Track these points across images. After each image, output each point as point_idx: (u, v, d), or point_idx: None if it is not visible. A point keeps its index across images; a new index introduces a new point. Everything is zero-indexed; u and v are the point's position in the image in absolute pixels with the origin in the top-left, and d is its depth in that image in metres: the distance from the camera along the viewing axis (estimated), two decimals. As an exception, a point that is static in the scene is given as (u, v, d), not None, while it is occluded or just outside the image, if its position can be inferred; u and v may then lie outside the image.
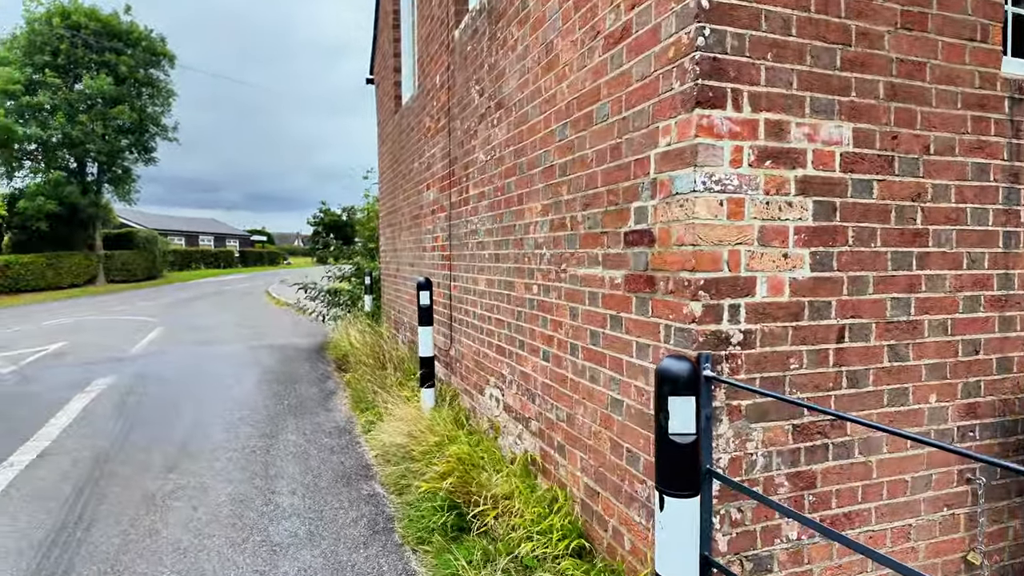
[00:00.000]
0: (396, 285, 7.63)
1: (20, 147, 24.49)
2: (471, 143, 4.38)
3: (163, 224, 49.05)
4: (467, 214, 4.51)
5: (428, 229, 5.84)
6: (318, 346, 9.74)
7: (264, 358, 8.69)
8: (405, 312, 7.10)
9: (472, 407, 4.47)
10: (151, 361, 8.57)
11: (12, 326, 14.15)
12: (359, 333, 7.79)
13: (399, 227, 7.44)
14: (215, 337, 11.10)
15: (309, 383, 7.06)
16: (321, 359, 8.59)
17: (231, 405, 6.06)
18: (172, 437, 5.05)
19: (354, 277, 9.85)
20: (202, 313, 15.83)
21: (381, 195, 8.85)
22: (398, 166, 7.41)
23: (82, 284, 26.64)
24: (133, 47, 26.18)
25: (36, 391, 6.74)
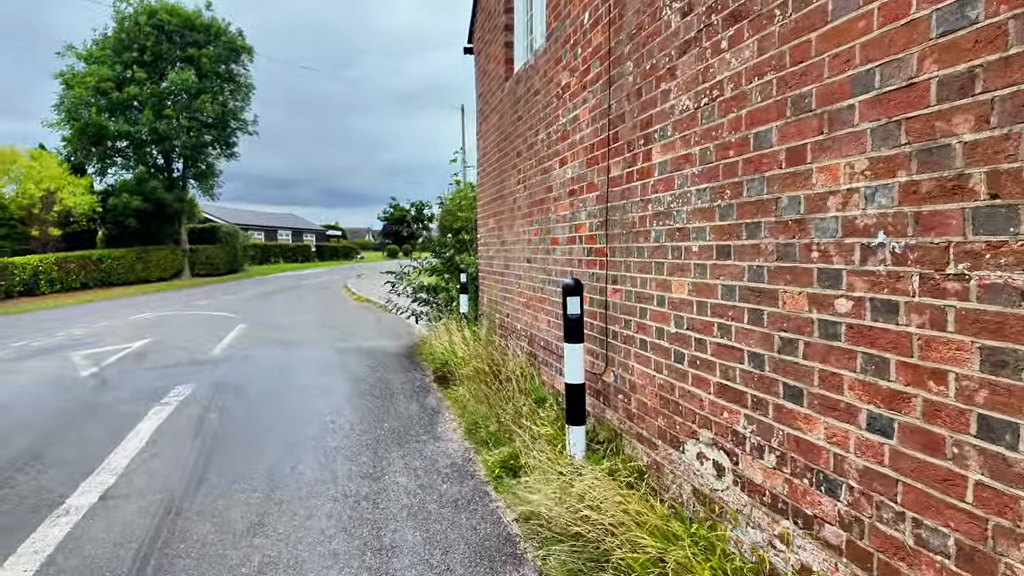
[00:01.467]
0: (505, 284, 6.46)
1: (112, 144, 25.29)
2: (659, 88, 3.08)
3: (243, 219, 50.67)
4: (647, 190, 3.23)
5: (562, 215, 4.59)
6: (408, 350, 8.76)
7: (352, 364, 7.77)
8: (519, 317, 5.91)
9: (654, 463, 3.19)
10: (232, 366, 7.81)
11: (102, 320, 14.14)
12: (462, 340, 6.67)
13: (508, 215, 6.25)
14: (298, 337, 10.37)
15: (407, 397, 6.01)
16: (414, 366, 7.57)
17: (322, 426, 5.07)
18: (256, 474, 4.07)
19: (446, 273, 8.78)
20: (283, 309, 15.38)
21: (481, 179, 7.71)
22: (508, 143, 6.21)
23: (169, 278, 27.38)
24: (214, 42, 26.50)
25: (111, 401, 6.02)
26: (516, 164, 5.91)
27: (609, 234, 3.72)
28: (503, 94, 6.42)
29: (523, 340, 5.74)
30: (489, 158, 7.17)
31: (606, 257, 3.77)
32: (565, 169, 4.51)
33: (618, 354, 3.63)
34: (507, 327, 6.37)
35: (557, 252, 4.73)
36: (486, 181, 7.37)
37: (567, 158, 4.48)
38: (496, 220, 6.86)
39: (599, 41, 3.83)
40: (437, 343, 7.42)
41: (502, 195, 6.52)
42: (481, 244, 7.76)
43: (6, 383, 7.20)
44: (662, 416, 3.10)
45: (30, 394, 6.51)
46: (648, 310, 3.23)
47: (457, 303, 8.28)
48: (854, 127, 1.89)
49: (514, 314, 6.10)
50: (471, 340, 6.69)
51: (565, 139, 4.51)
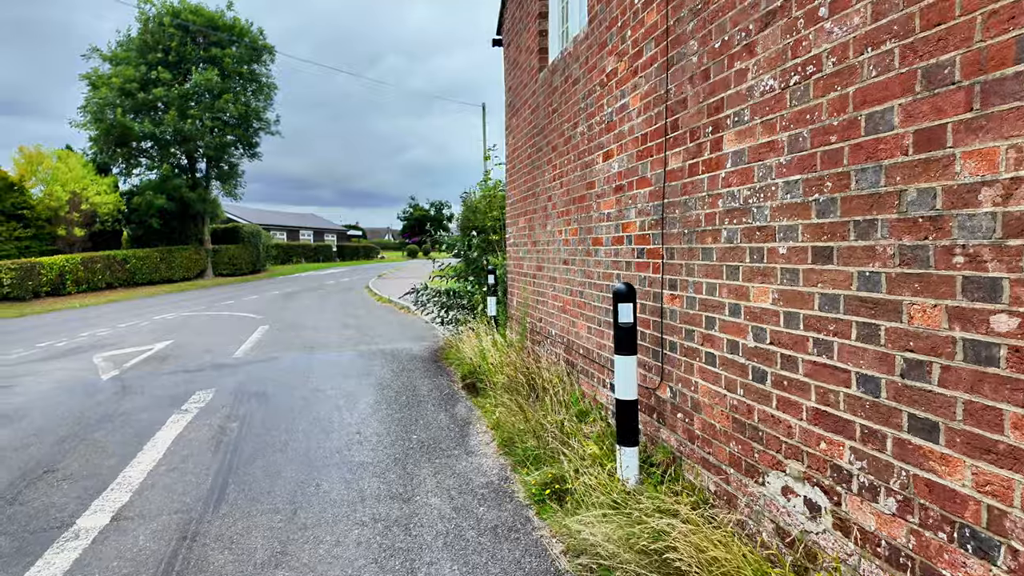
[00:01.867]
0: (538, 287, 6.11)
1: (137, 145, 25.48)
2: (733, 68, 2.71)
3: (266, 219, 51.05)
4: (716, 184, 2.85)
5: (606, 214, 4.23)
6: (433, 353, 8.46)
7: (377, 368, 7.48)
8: (553, 322, 5.56)
9: (724, 493, 2.82)
10: (254, 370, 7.58)
11: (125, 320, 14.12)
12: (492, 345, 6.34)
13: (541, 214, 5.90)
14: (321, 340, 10.14)
15: (435, 406, 5.69)
16: (440, 371, 7.25)
17: (347, 438, 4.78)
18: (278, 492, 3.78)
19: (472, 275, 8.45)
20: (305, 309, 15.22)
21: (510, 177, 7.37)
22: (541, 138, 5.86)
23: (192, 278, 27.53)
24: (236, 42, 26.57)
25: (130, 409, 5.81)
26: (551, 160, 5.56)
27: (666, 233, 3.35)
28: (536, 86, 6.07)
29: (559, 347, 5.39)
30: (519, 154, 6.82)
31: (662, 259, 3.40)
32: (610, 163, 4.15)
33: (677, 368, 3.26)
34: (540, 332, 6.01)
35: (600, 253, 4.36)
36: (516, 179, 7.03)
37: (613, 151, 4.11)
38: (527, 219, 6.51)
39: (654, 20, 3.46)
40: (465, 348, 7.10)
41: (534, 193, 6.17)
42: (510, 244, 7.42)
43: (29, 387, 7.05)
44: (735, 441, 2.73)
45: (50, 400, 6.34)
46: (717, 320, 2.85)
47: (484, 306, 7.94)
48: (1021, 100, 1.50)
49: (548, 319, 5.74)
50: (502, 346, 6.35)
51: (610, 130, 4.14)
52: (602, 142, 4.29)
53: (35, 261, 19.76)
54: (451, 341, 8.65)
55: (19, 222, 21.31)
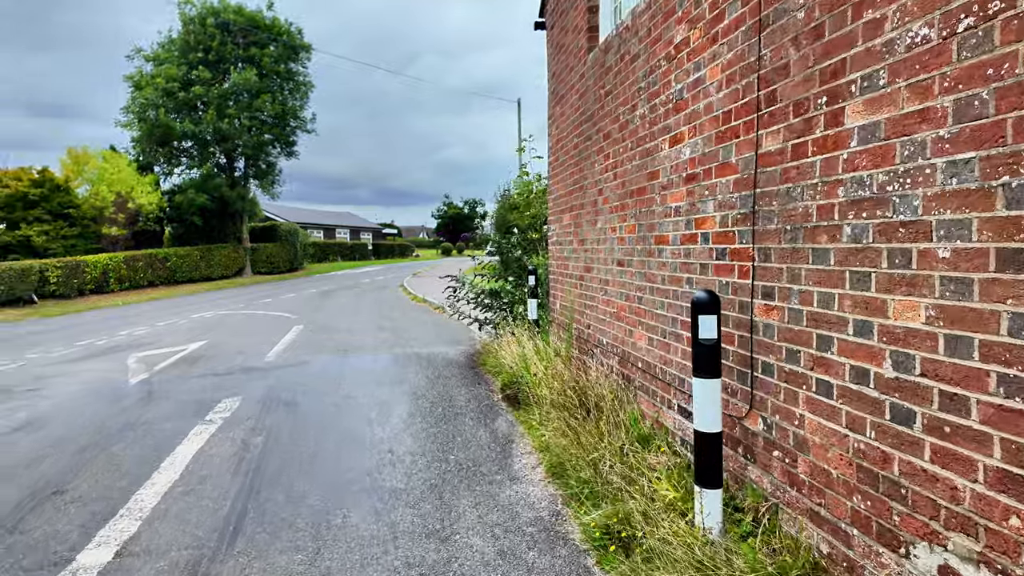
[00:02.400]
0: (586, 290, 5.55)
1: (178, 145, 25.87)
2: (861, 19, 2.12)
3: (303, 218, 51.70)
4: (834, 167, 2.27)
5: (673, 208, 3.65)
6: (469, 358, 7.99)
7: (411, 374, 7.05)
8: (604, 330, 5.00)
9: (843, 558, 2.23)
10: (284, 376, 7.25)
11: (163, 319, 14.14)
12: (535, 353, 5.82)
13: (590, 209, 5.35)
14: (354, 342, 9.80)
15: (474, 419, 5.21)
16: (478, 378, 6.77)
17: (379, 457, 4.33)
18: (301, 523, 3.34)
19: (512, 276, 7.94)
20: (340, 309, 15.00)
21: (553, 170, 6.83)
22: (591, 125, 5.30)
23: (231, 276, 27.85)
24: (275, 41, 26.71)
25: (152, 418, 5.50)
26: (602, 149, 5.00)
27: (758, 230, 2.76)
28: (584, 68, 5.51)
29: (611, 358, 4.83)
30: (564, 145, 6.27)
31: (752, 262, 2.81)
32: (679, 149, 3.57)
33: (773, 395, 2.67)
34: (588, 340, 5.46)
35: (664, 254, 3.79)
36: (560, 171, 6.48)
37: (683, 135, 3.53)
38: (573, 215, 5.96)
39: (741, -26, 2.87)
40: (505, 354, 6.60)
41: (581, 186, 5.62)
42: (553, 243, 6.88)
43: (59, 390, 6.87)
44: (862, 495, 2.14)
45: (75, 405, 6.11)
46: (836, 340, 2.26)
47: (524, 308, 7.43)
48: None
49: (598, 326, 5.19)
50: (545, 354, 5.82)
51: (679, 110, 3.56)
52: (668, 125, 3.72)
53: (80, 259, 20.16)
54: (489, 346, 8.16)
55: (65, 221, 21.80)
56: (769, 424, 2.70)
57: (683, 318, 3.53)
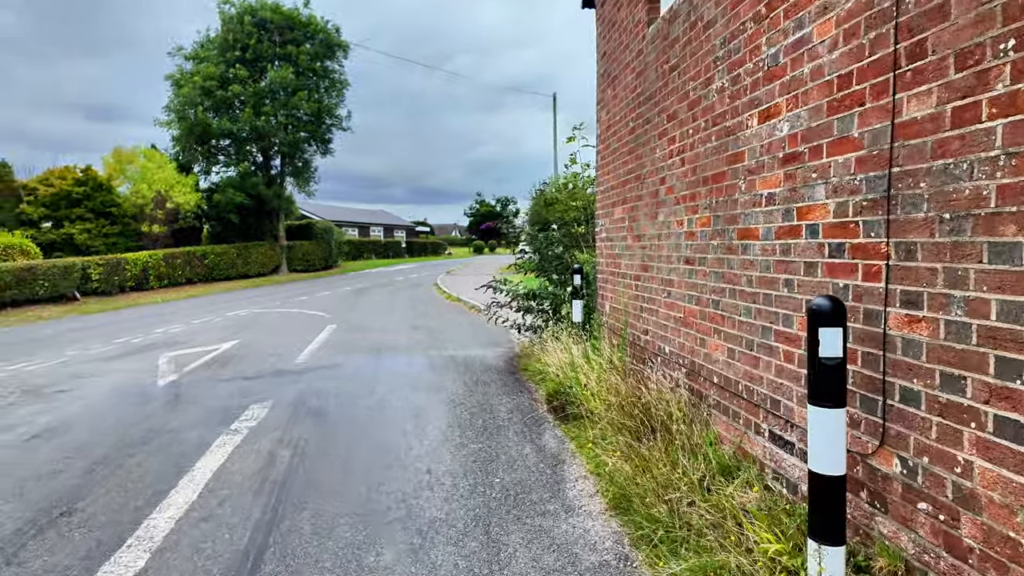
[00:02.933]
0: (643, 291, 4.99)
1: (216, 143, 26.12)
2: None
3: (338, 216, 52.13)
4: None
5: (765, 195, 3.08)
6: (509, 362, 7.50)
7: (448, 380, 6.60)
8: (667, 337, 4.43)
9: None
10: (316, 379, 6.88)
11: (199, 316, 14.08)
12: (585, 360, 5.28)
13: (649, 200, 4.78)
14: (389, 342, 9.42)
15: (518, 434, 4.71)
16: (519, 385, 6.27)
17: (416, 478, 3.87)
18: (328, 565, 2.89)
19: (555, 274, 7.38)
20: (374, 308, 14.72)
21: (602, 159, 6.26)
22: (651, 106, 4.73)
23: (267, 273, 28.04)
24: (311, 39, 26.72)
25: (177, 425, 5.17)
26: (665, 131, 4.42)
27: (897, 220, 2.17)
28: (643, 43, 4.94)
29: (676, 369, 4.26)
30: (616, 131, 5.71)
31: (886, 260, 2.22)
32: (773, 124, 2.99)
33: (920, 431, 2.09)
34: (646, 348, 4.89)
35: (752, 250, 3.21)
36: (611, 160, 5.92)
37: (777, 107, 2.95)
38: (626, 208, 5.40)
39: (871, -102, 2.28)
40: (549, 360, 6.08)
41: (638, 176, 5.05)
42: (601, 239, 6.31)
43: (87, 392, 6.65)
44: (1082, 584, 1.55)
45: (99, 410, 5.84)
46: (1035, 366, 1.67)
47: (569, 311, 6.88)
48: None
49: (658, 332, 4.62)
50: (596, 362, 5.28)
51: (773, 79, 2.98)
52: (758, 97, 3.13)
53: (120, 257, 20.44)
54: (529, 349, 7.66)
55: (107, 219, 22.18)
56: (912, 467, 2.12)
57: (779, 327, 2.95)
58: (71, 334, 12.42)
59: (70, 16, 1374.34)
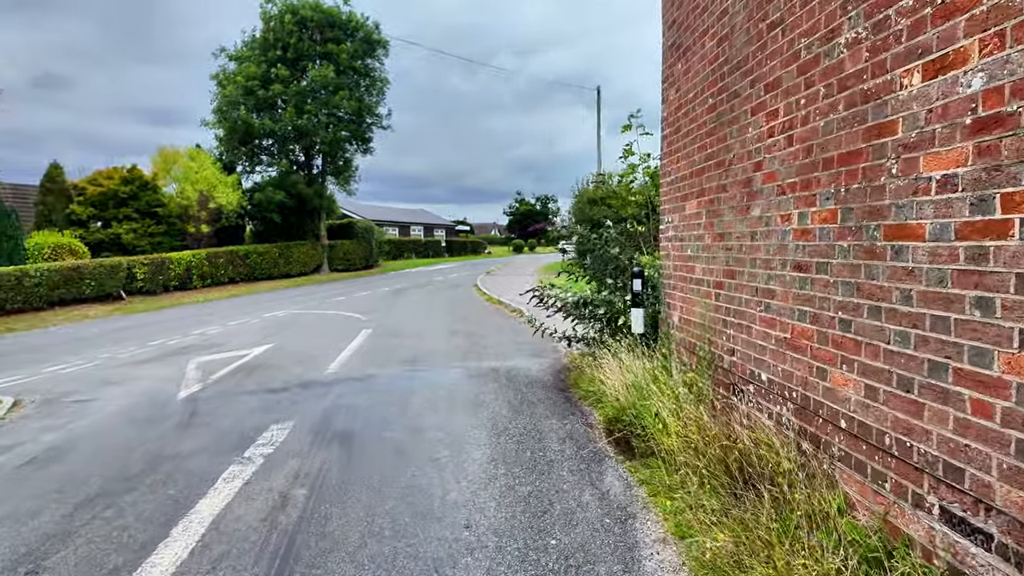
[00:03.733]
0: (729, 303, 4.11)
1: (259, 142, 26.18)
2: None
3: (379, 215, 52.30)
4: None
5: (937, 178, 2.20)
6: (556, 376, 6.72)
7: (489, 397, 5.86)
8: (766, 361, 3.55)
9: None
10: (344, 394, 6.25)
11: (237, 317, 13.81)
12: (651, 382, 4.44)
13: (737, 192, 3.92)
14: (425, 349, 8.76)
15: (574, 472, 3.92)
16: (570, 406, 5.48)
17: (452, 538, 3.12)
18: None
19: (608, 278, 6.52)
20: (411, 311, 14.14)
21: (669, 147, 5.40)
22: (742, 75, 3.87)
23: (308, 272, 28.00)
24: (351, 37, 26.48)
25: (187, 450, 4.58)
26: (763, 104, 3.55)
27: None
28: (728, 2, 4.07)
29: (777, 403, 3.38)
30: (690, 111, 4.84)
31: None
32: (954, 79, 2.11)
33: None
34: (731, 371, 4.01)
35: (913, 254, 2.32)
36: (682, 146, 5.05)
37: (962, 54, 2.07)
38: (703, 201, 4.53)
39: None
40: (606, 379, 5.26)
41: (721, 162, 4.18)
42: (668, 238, 5.45)
43: (101, 406, 6.20)
44: None
45: (109, 428, 5.34)
46: None
47: (627, 321, 6.04)
48: None
49: (750, 353, 3.74)
50: (667, 385, 4.43)
51: (953, 13, 2.10)
52: (922, 43, 2.25)
53: (164, 256, 20.55)
54: (578, 361, 6.85)
55: (152, 219, 22.39)
56: None
57: (962, 365, 2.07)
58: (113, 334, 12.30)
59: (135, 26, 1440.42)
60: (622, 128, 6.52)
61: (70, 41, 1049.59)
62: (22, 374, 8.31)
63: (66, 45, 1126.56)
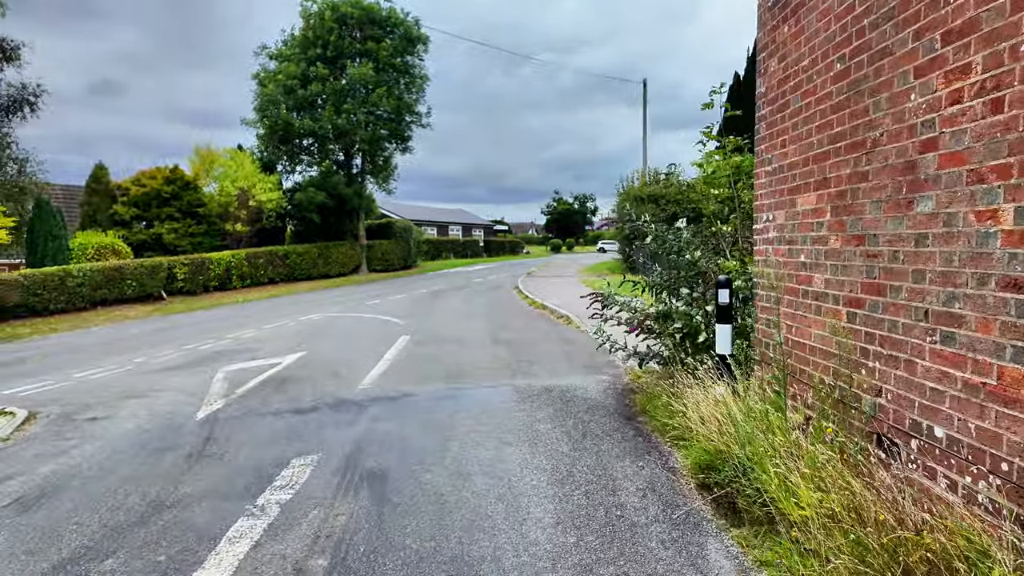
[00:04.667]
0: (883, 328, 3.13)
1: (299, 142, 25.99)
2: None
3: (417, 215, 52.07)
4: None
5: None
6: (618, 398, 5.82)
7: (545, 427, 5.00)
8: (941, 413, 2.58)
9: None
10: (378, 418, 5.49)
11: (274, 320, 13.37)
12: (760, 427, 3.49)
13: (888, 180, 2.97)
14: (467, 361, 7.98)
15: (666, 543, 3.03)
16: (643, 439, 4.57)
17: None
18: None
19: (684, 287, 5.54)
20: (451, 314, 13.41)
21: (767, 128, 4.42)
22: (904, 23, 2.90)
23: (347, 273, 27.71)
24: (390, 33, 26.03)
25: (190, 494, 3.87)
26: (936, 61, 2.59)
27: None
28: (872, -67, 3.10)
29: (974, 475, 2.41)
30: (805, 82, 3.87)
31: None
32: None
33: None
34: (880, 418, 3.04)
35: None
36: (792, 126, 4.08)
37: None
38: (829, 195, 3.56)
39: None
40: (690, 409, 4.32)
41: (858, 142, 3.22)
42: (768, 240, 4.48)
43: (112, 426, 5.62)
44: None
45: (111, 458, 4.71)
46: None
47: (707, 338, 5.08)
48: None
49: (915, 398, 2.77)
50: (782, 427, 3.47)
51: None
52: None
53: (204, 257, 20.43)
54: (644, 381, 5.95)
55: (193, 219, 22.37)
56: None
57: None
58: (150, 336, 12.03)
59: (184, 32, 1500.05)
60: (703, 106, 5.55)
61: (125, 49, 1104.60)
62: (52, 380, 7.96)
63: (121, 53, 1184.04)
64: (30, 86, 18.51)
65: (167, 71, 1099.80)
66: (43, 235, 17.85)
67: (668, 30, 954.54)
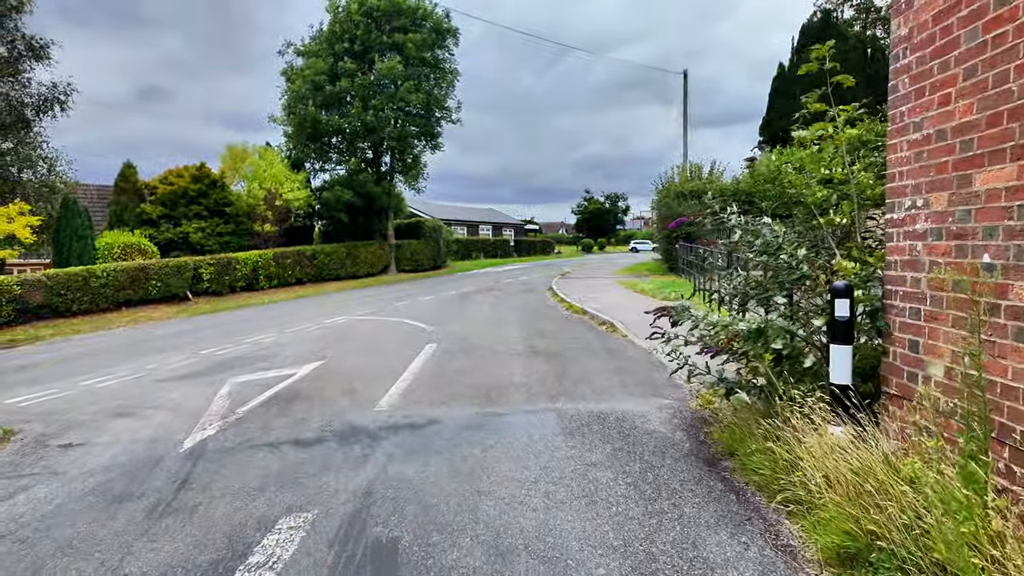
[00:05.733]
0: None
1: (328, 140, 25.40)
2: None
3: (447, 214, 51.34)
4: None
5: None
6: (691, 432, 4.70)
7: (605, 476, 3.90)
8: None
9: None
10: (394, 457, 4.47)
11: (296, 324, 12.60)
12: (940, 500, 2.35)
13: None
14: (500, 377, 6.94)
15: None
16: (738, 501, 3.45)
17: None
18: None
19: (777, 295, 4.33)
20: (482, 319, 12.40)
21: (918, 80, 3.26)
22: None
23: (376, 273, 27.03)
24: (420, 26, 25.24)
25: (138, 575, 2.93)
26: None
27: None
28: None
29: None
30: (985, 13, 2.71)
31: None
32: None
33: None
34: None
35: None
36: (959, 75, 2.92)
37: None
38: (1028, 169, 2.40)
39: None
40: (811, 465, 3.18)
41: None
42: (913, 235, 3.31)
43: (85, 456, 4.77)
44: None
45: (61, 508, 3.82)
46: None
47: (815, 363, 3.91)
48: None
49: None
50: (978, 507, 2.33)
51: None
52: None
53: (231, 257, 19.92)
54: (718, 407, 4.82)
55: (220, 218, 21.91)
56: None
57: None
58: (169, 339, 11.41)
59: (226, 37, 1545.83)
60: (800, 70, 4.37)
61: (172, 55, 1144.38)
62: (56, 388, 7.34)
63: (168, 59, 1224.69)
64: (60, 85, 18.30)
65: (207, 76, 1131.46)
66: (69, 235, 17.53)
67: (705, 26, 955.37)
